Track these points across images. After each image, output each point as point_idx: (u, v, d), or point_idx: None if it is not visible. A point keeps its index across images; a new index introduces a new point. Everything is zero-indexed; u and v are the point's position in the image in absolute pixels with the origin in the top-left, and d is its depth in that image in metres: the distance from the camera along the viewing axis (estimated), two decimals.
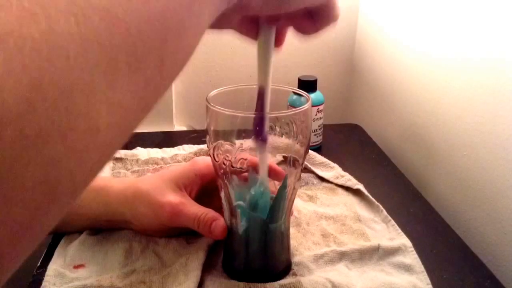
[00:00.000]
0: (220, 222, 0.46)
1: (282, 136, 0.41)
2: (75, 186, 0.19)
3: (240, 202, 0.43)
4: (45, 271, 0.47)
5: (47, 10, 0.17)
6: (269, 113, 0.40)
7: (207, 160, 0.50)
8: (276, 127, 0.41)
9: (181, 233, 0.52)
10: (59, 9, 0.18)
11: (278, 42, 0.37)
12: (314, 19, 0.34)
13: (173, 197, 0.48)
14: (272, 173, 0.43)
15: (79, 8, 0.18)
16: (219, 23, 0.28)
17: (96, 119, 0.19)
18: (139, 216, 0.50)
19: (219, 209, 0.47)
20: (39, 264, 0.49)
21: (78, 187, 0.20)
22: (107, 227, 0.53)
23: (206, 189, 0.52)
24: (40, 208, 0.18)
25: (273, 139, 0.41)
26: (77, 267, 0.48)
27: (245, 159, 0.41)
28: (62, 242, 0.51)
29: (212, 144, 0.42)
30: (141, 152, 0.73)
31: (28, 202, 0.17)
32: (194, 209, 0.47)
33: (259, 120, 0.39)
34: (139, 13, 0.20)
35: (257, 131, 0.39)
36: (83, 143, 0.19)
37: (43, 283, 0.45)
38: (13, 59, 0.16)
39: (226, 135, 0.41)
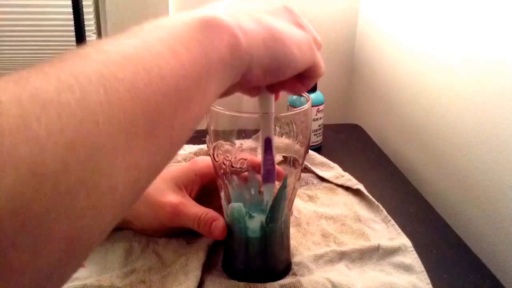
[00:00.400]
0: (219, 223, 0.46)
1: (282, 136, 0.41)
2: (91, 241, 0.21)
3: (240, 203, 0.43)
4: None
5: (80, 82, 0.20)
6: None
7: (207, 160, 0.50)
8: (276, 127, 0.41)
9: (181, 233, 0.52)
10: (90, 81, 0.20)
11: (275, 98, 0.40)
12: (303, 80, 0.37)
13: (173, 197, 0.48)
14: (279, 175, 0.44)
15: (107, 80, 0.21)
16: (226, 93, 0.32)
17: (116, 179, 0.21)
18: (139, 216, 0.50)
19: (219, 209, 0.47)
20: None
21: (93, 243, 0.22)
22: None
23: (206, 189, 0.52)
24: (61, 261, 0.20)
25: (275, 140, 0.41)
26: None
27: (245, 159, 0.41)
28: None
29: (212, 144, 0.42)
30: None
31: (52, 255, 0.19)
32: (194, 209, 0.48)
33: (270, 165, 0.40)
34: (158, 87, 0.23)
35: (267, 175, 0.41)
36: (103, 201, 0.21)
37: None
38: (52, 123, 0.18)
39: (226, 135, 0.41)
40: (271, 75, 0.33)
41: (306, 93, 0.43)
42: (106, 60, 0.22)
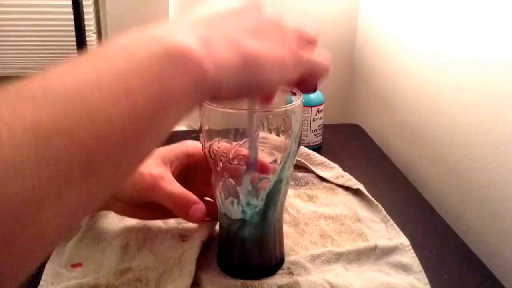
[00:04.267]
0: (200, 206, 0.46)
1: (271, 132, 0.42)
2: (15, 279, 0.21)
3: (236, 199, 0.43)
4: (43, 270, 0.47)
5: (13, 133, 0.19)
6: (262, 109, 0.40)
7: (197, 143, 0.50)
8: (264, 124, 0.41)
9: (176, 229, 0.51)
10: (24, 131, 0.20)
11: (266, 99, 0.38)
12: (303, 82, 0.35)
13: (155, 170, 0.47)
14: (264, 169, 0.43)
15: (43, 130, 0.20)
16: None
17: (41, 227, 0.21)
18: (120, 189, 0.48)
19: (199, 194, 0.47)
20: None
21: (16, 281, 0.21)
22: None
23: (191, 172, 0.51)
24: None
25: (265, 135, 0.41)
26: (74, 266, 0.48)
27: (243, 155, 0.41)
28: None
29: (207, 143, 0.42)
30: None
31: None
32: (174, 187, 0.47)
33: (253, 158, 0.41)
34: (100, 132, 0.22)
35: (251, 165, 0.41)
36: (26, 249, 0.20)
37: (41, 282, 0.45)
38: None
39: (221, 133, 0.42)
40: (243, 96, 0.32)
41: (298, 91, 0.43)
42: (49, 104, 0.21)
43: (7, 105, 0.20)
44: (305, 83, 0.36)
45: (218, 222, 0.48)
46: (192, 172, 0.51)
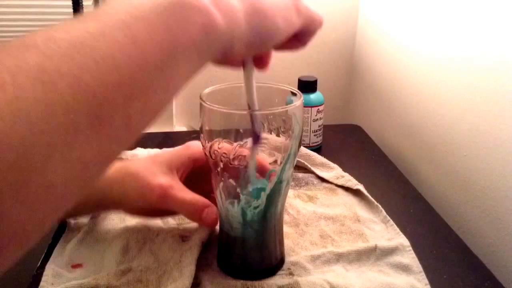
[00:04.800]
0: (212, 209, 0.46)
1: (271, 133, 0.42)
2: (26, 236, 0.20)
3: (236, 199, 0.43)
4: (44, 270, 0.47)
5: (17, 78, 0.19)
6: (262, 111, 0.40)
7: (200, 145, 0.50)
8: (265, 124, 0.41)
9: (176, 230, 0.51)
10: (28, 76, 0.19)
11: (264, 64, 0.38)
12: (299, 37, 0.36)
13: (163, 180, 0.47)
14: (265, 170, 0.43)
15: (48, 75, 0.20)
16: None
17: (50, 175, 0.20)
18: (127, 198, 0.48)
19: (207, 194, 0.47)
20: (39, 264, 0.49)
21: (29, 237, 0.21)
22: (95, 211, 0.52)
23: (196, 174, 0.51)
24: None
25: (266, 136, 0.41)
26: (75, 266, 0.48)
27: (244, 156, 0.41)
28: (60, 241, 0.52)
29: (208, 143, 0.42)
30: (141, 153, 0.73)
31: None
32: (184, 194, 0.47)
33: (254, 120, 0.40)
34: (107, 79, 0.22)
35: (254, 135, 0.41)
36: (35, 198, 0.20)
37: (41, 283, 0.45)
38: None
39: (222, 133, 0.42)
40: (254, 49, 0.32)
41: (298, 91, 0.43)
42: (53, 51, 0.20)
43: (9, 54, 0.20)
44: (304, 36, 0.36)
45: (218, 222, 0.49)
46: (197, 174, 0.51)
